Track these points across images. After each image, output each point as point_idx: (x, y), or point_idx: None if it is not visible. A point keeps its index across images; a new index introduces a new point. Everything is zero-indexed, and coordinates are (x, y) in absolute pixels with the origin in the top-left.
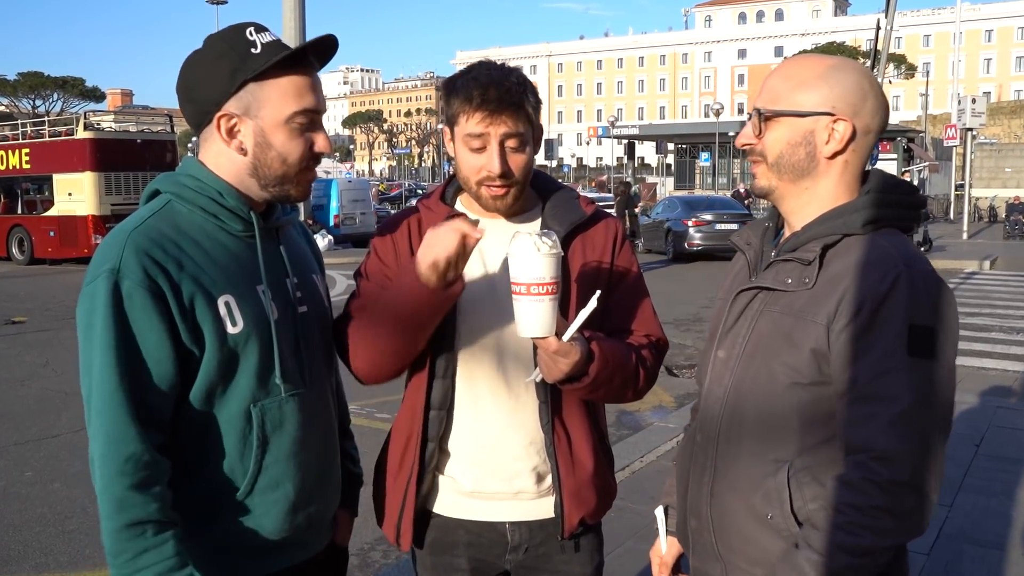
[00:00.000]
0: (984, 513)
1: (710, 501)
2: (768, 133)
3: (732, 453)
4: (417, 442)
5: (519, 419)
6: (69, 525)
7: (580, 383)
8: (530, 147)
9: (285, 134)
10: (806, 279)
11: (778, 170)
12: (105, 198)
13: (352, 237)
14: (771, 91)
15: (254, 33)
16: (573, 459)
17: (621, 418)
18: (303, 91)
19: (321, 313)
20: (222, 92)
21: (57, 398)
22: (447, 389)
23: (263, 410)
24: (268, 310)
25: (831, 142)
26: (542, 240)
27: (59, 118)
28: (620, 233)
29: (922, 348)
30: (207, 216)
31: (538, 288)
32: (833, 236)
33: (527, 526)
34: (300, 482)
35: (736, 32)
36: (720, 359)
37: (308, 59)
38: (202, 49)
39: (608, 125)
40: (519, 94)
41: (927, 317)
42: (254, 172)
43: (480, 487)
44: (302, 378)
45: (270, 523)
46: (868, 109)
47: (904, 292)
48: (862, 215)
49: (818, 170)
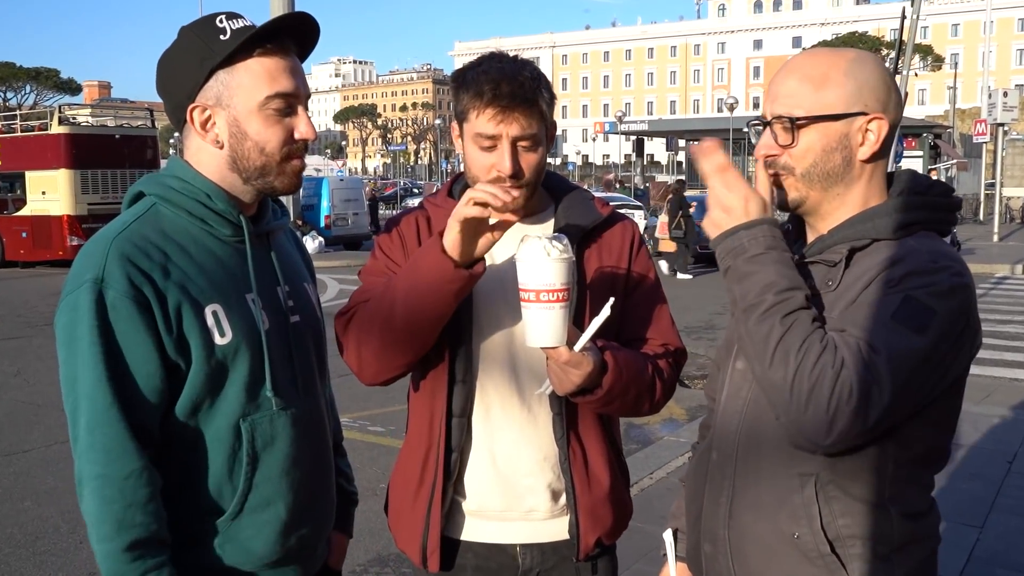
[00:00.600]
0: (1019, 535)
1: (728, 523)
2: (798, 142)
3: (753, 470)
4: (438, 452)
5: (532, 432)
6: (40, 546)
7: (593, 396)
8: (543, 146)
9: (260, 121)
10: (830, 281)
11: (809, 180)
12: (81, 197)
13: (344, 239)
14: (791, 95)
15: (224, 20)
16: (589, 475)
17: (629, 431)
18: (276, 73)
19: (313, 323)
20: (193, 83)
21: (28, 410)
22: (468, 394)
23: (253, 425)
24: (258, 320)
25: (866, 144)
26: (552, 244)
27: (32, 112)
28: (637, 236)
29: (910, 319)
30: (194, 220)
31: (548, 295)
32: (862, 240)
33: (539, 548)
34: (293, 501)
35: (751, 22)
36: (739, 371)
37: (283, 41)
38: (174, 42)
39: (615, 120)
40: (533, 89)
41: (933, 302)
42: (233, 165)
43: (489, 506)
44: (295, 391)
45: (261, 545)
46: (893, 103)
47: (916, 279)
48: (894, 219)
49: (852, 174)
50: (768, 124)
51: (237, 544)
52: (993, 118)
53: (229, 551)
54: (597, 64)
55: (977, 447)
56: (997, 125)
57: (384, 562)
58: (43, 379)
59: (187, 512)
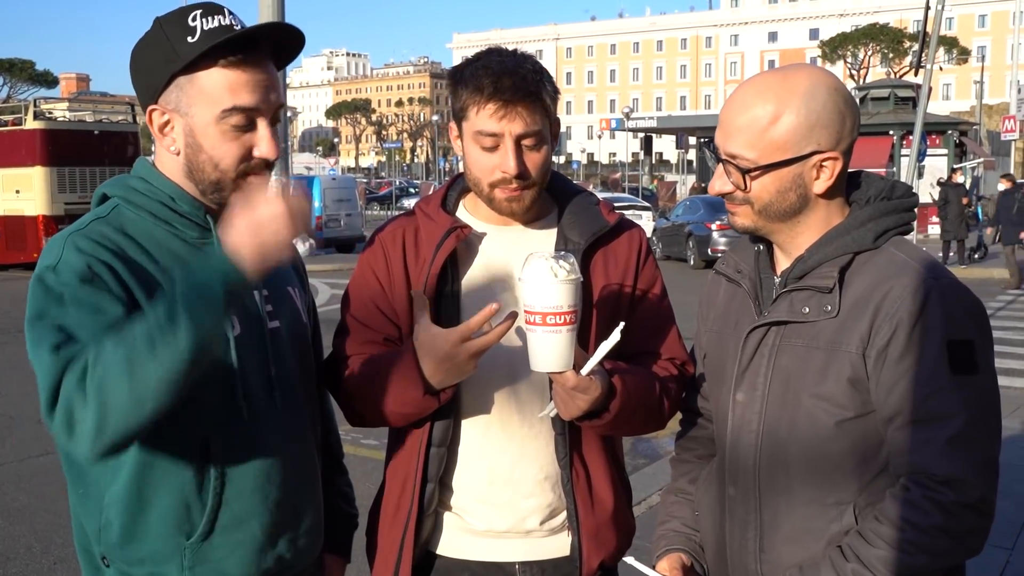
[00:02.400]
0: None
1: (759, 556)
2: (752, 185)
3: (783, 504)
4: (415, 482)
5: (532, 451)
6: (11, 568)
7: (600, 420)
8: (548, 144)
9: (217, 135)
10: (827, 307)
11: (767, 215)
12: (58, 196)
13: (336, 241)
14: (742, 132)
15: (199, 17)
16: (592, 496)
17: (637, 446)
18: (237, 86)
19: (297, 329)
20: (156, 85)
21: (1, 422)
22: (448, 426)
23: (221, 436)
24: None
25: (820, 179)
26: (559, 264)
27: (6, 106)
28: (645, 245)
29: (964, 364)
30: (158, 223)
31: (555, 318)
32: (844, 256)
33: (539, 566)
34: (270, 520)
35: (766, 13)
36: (741, 403)
37: (256, 50)
38: (146, 33)
39: (622, 117)
40: (536, 83)
41: (964, 330)
42: (189, 175)
43: (488, 525)
44: (271, 401)
45: (234, 567)
46: (847, 129)
47: (938, 307)
48: (871, 229)
49: (809, 206)
50: (721, 160)
51: (209, 566)
52: (1022, 114)
53: (200, 574)
54: (603, 57)
55: (1006, 464)
56: None
57: None
58: (16, 390)
59: (153, 531)
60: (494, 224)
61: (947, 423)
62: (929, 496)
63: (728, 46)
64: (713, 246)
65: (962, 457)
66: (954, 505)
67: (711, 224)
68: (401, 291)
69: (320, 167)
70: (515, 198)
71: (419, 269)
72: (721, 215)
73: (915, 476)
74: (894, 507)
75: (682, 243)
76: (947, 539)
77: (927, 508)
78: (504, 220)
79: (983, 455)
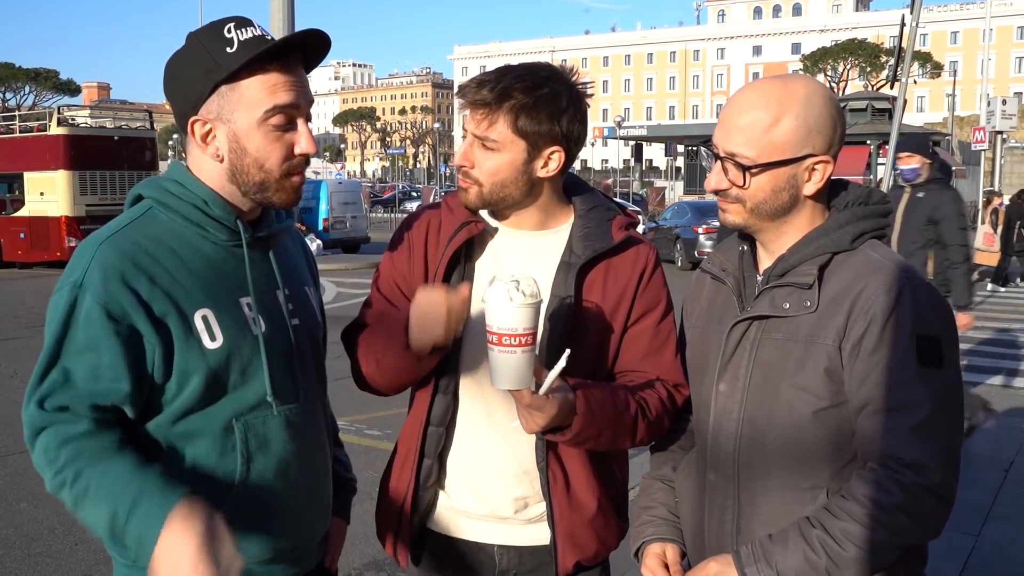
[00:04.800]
0: (1014, 544)
1: (736, 539)
2: (748, 183)
3: (760, 488)
4: (414, 458)
5: (514, 445)
6: (36, 548)
7: (563, 436)
8: (500, 152)
9: (260, 137)
10: (807, 303)
11: (758, 213)
12: (79, 198)
13: (342, 242)
14: (743, 131)
15: (233, 30)
16: (571, 498)
17: None
18: (277, 87)
19: (312, 327)
20: (197, 96)
21: None
22: (448, 405)
23: (247, 426)
24: (252, 324)
25: (811, 181)
26: (517, 289)
27: (31, 112)
28: (651, 263)
29: (931, 358)
30: (190, 225)
31: (510, 339)
32: (823, 256)
33: (516, 551)
34: (287, 502)
35: (751, 28)
36: (722, 393)
37: (288, 55)
38: (181, 48)
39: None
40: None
41: (932, 327)
42: (233, 179)
43: (470, 507)
44: (296, 393)
45: (252, 546)
46: (837, 136)
47: (909, 304)
48: (849, 231)
49: (797, 207)
50: (719, 157)
51: None
52: (992, 126)
53: None
54: (596, 69)
55: (973, 455)
56: (995, 133)
57: (380, 566)
58: None
59: None
60: (510, 226)
61: (913, 412)
62: (892, 477)
63: (715, 59)
64: (700, 249)
65: (925, 443)
66: (915, 486)
67: (698, 228)
68: (419, 275)
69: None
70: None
71: (435, 257)
72: (707, 219)
73: (882, 459)
74: (860, 486)
75: (670, 246)
76: (906, 518)
77: (890, 487)
78: (518, 223)
79: (945, 443)
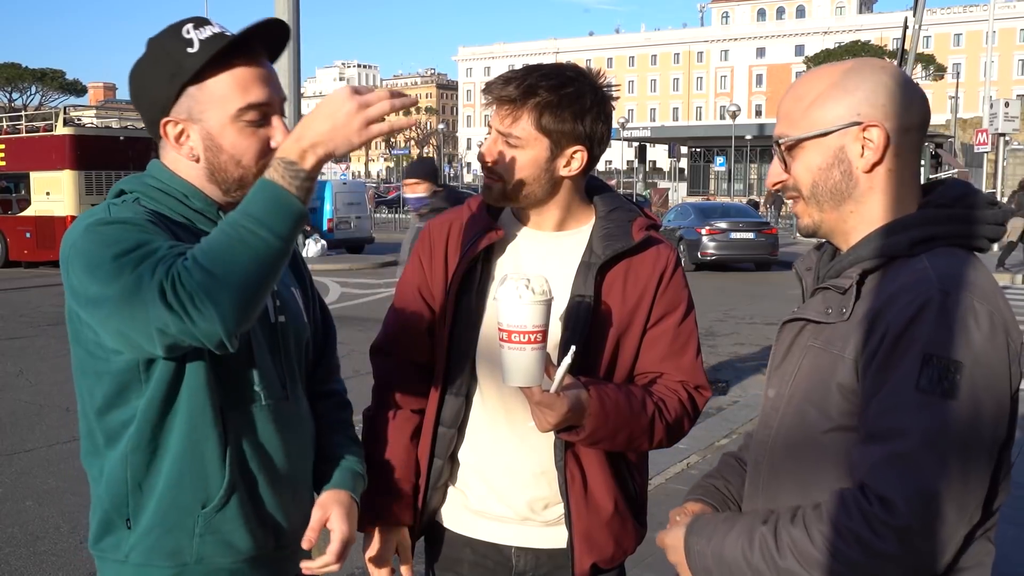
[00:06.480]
0: (1013, 545)
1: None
2: (795, 164)
3: (780, 501)
4: (426, 458)
5: (532, 446)
6: (41, 546)
7: (576, 435)
8: (523, 149)
9: (235, 133)
10: (843, 310)
11: (817, 201)
12: (85, 198)
13: (347, 242)
14: (786, 116)
15: (192, 30)
16: (588, 500)
17: None
18: (248, 84)
19: (298, 325)
20: (164, 100)
21: (31, 410)
22: (460, 407)
23: (238, 418)
24: None
25: (866, 153)
26: (527, 287)
27: (37, 112)
28: (671, 264)
29: (935, 384)
30: (173, 216)
31: (519, 336)
32: (875, 259)
33: (533, 553)
34: (275, 496)
35: (755, 30)
36: (770, 399)
37: (253, 49)
38: (143, 55)
39: (618, 127)
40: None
41: (948, 349)
42: (212, 178)
43: (487, 507)
44: (280, 388)
45: (241, 539)
46: (899, 106)
47: (929, 321)
48: (911, 234)
49: (859, 188)
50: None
51: (218, 536)
52: (994, 128)
53: (210, 543)
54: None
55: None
56: (998, 135)
57: None
58: (46, 379)
59: (166, 505)
60: (531, 227)
61: (897, 440)
62: (860, 504)
63: (718, 61)
64: (703, 250)
65: (897, 478)
66: (879, 522)
67: (701, 229)
68: (439, 276)
69: (331, 172)
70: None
71: (455, 260)
72: (710, 221)
73: (860, 485)
74: (830, 501)
75: (674, 247)
76: (859, 551)
77: (853, 513)
78: (539, 223)
79: (921, 484)
